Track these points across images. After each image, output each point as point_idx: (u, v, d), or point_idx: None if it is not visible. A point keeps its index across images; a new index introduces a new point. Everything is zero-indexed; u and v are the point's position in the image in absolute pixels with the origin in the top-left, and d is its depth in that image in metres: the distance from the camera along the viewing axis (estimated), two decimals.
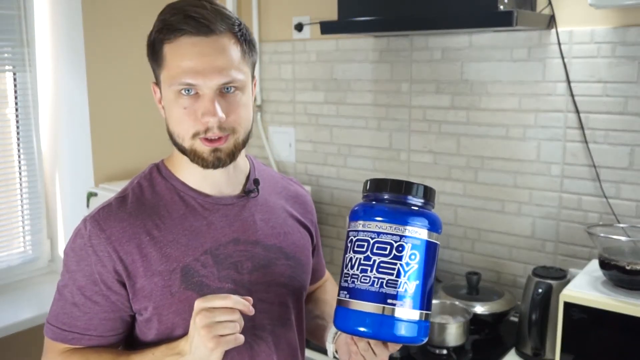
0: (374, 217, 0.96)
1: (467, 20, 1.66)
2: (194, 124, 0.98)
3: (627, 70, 1.65)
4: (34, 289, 2.29)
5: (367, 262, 0.94)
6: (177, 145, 1.03)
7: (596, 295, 1.44)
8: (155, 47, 1.00)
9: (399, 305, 0.93)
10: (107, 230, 1.02)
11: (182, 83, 0.97)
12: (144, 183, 1.08)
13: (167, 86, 0.99)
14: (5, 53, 2.22)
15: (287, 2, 2.33)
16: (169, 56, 0.98)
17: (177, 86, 0.97)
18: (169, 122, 1.03)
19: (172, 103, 0.99)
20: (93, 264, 1.02)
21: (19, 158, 2.31)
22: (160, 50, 0.99)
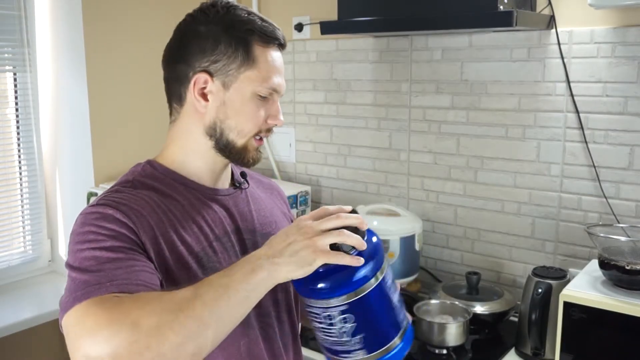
0: (306, 296, 0.95)
1: (467, 21, 1.67)
2: (262, 124, 1.06)
3: (627, 71, 1.65)
4: (34, 289, 2.29)
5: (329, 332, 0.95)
6: (225, 142, 1.05)
7: (596, 295, 1.44)
8: (243, 44, 1.02)
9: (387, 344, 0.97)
10: (122, 208, 0.97)
11: (271, 88, 1.04)
12: (142, 178, 1.07)
13: (252, 84, 1.03)
14: (5, 53, 2.22)
15: (287, 2, 2.33)
16: (262, 59, 1.03)
17: (267, 90, 1.04)
18: (231, 117, 1.04)
19: (245, 101, 1.04)
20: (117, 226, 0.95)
21: (19, 158, 2.32)
22: (250, 49, 1.02)
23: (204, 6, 1.06)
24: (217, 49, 1.02)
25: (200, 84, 1.03)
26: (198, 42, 1.03)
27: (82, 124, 2.24)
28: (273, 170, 2.44)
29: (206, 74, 1.03)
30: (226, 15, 1.03)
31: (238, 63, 1.02)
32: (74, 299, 0.86)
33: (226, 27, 1.02)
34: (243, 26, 1.03)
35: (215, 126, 1.05)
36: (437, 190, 2.05)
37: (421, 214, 2.07)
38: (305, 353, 1.60)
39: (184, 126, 1.08)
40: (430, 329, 1.65)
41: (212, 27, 1.03)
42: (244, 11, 1.05)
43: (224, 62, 1.02)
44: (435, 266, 2.09)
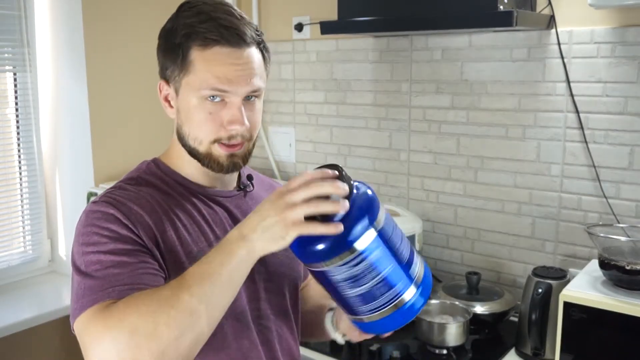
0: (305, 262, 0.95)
1: (467, 21, 1.67)
2: (217, 130, 1.00)
3: (627, 70, 1.65)
4: (34, 289, 2.29)
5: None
6: (189, 148, 1.04)
7: (596, 295, 1.44)
8: (181, 50, 0.99)
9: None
10: (123, 208, 0.97)
11: (214, 89, 0.98)
12: (146, 175, 1.07)
13: (192, 90, 0.99)
14: (5, 53, 2.22)
15: (287, 2, 2.33)
16: (198, 63, 0.98)
17: (207, 92, 0.98)
18: (184, 124, 1.03)
19: (195, 107, 1.00)
20: (119, 228, 0.95)
21: (19, 158, 2.32)
22: (186, 55, 0.98)
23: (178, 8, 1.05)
24: (164, 55, 1.02)
25: (163, 91, 1.05)
26: (159, 48, 1.04)
27: (82, 124, 2.24)
28: (273, 170, 2.44)
29: (163, 81, 1.04)
30: (173, 20, 1.02)
31: (179, 70, 1.00)
32: (80, 307, 0.89)
33: (167, 33, 1.01)
34: (180, 31, 0.99)
35: (179, 133, 1.05)
36: (437, 190, 2.05)
37: (421, 214, 2.07)
38: (304, 353, 1.60)
39: (174, 128, 1.09)
40: (430, 329, 1.65)
41: (163, 32, 1.03)
42: (192, 11, 1.00)
43: (172, 68, 1.01)
44: (435, 266, 2.09)
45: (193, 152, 1.04)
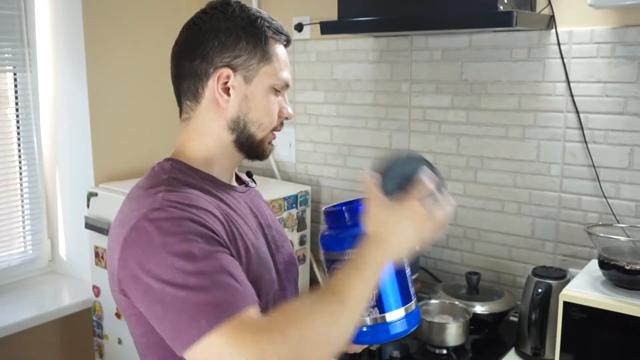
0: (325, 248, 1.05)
1: (467, 21, 1.67)
2: (278, 118, 1.10)
3: (627, 71, 1.65)
4: (34, 289, 2.29)
5: None
6: (246, 135, 1.07)
7: (596, 295, 1.44)
8: (262, 40, 1.06)
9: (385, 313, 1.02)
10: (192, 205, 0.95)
11: (284, 81, 1.09)
12: (176, 175, 1.03)
13: (269, 78, 1.07)
14: (5, 53, 2.22)
15: (287, 2, 2.33)
16: (276, 55, 1.08)
17: (280, 82, 1.08)
18: (251, 111, 1.07)
19: (266, 95, 1.07)
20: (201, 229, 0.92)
21: (20, 158, 2.32)
22: (267, 46, 1.07)
23: (216, 4, 1.07)
24: (239, 44, 1.04)
25: (222, 79, 1.05)
26: (218, 38, 1.04)
27: (82, 124, 2.24)
28: (273, 170, 2.44)
29: (228, 69, 1.04)
30: (243, 13, 1.07)
31: (258, 58, 1.05)
32: (208, 324, 0.83)
33: (246, 25, 1.05)
34: (261, 23, 1.07)
35: (238, 120, 1.06)
36: None
37: None
38: None
39: (203, 123, 1.07)
40: (430, 329, 1.65)
41: (231, 24, 1.05)
42: (255, 9, 1.09)
43: (245, 57, 1.05)
44: (435, 266, 2.09)
45: (249, 140, 1.07)
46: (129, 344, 2.21)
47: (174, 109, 1.13)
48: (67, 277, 2.40)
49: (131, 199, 1.00)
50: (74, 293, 2.27)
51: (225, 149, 1.08)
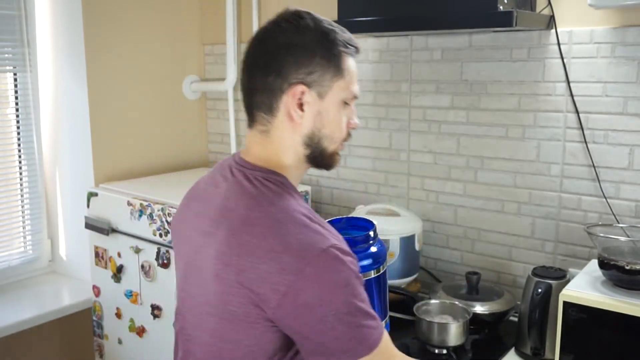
0: None
1: (467, 21, 1.66)
2: (345, 130, 1.13)
3: (627, 71, 1.65)
4: (34, 289, 2.29)
5: None
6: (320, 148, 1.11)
7: (596, 295, 1.44)
8: (337, 56, 1.07)
9: None
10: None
11: (354, 94, 1.11)
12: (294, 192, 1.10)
13: (341, 92, 1.09)
14: (5, 53, 2.22)
15: (287, 2, 2.32)
16: (347, 70, 1.09)
17: (351, 95, 1.11)
18: (325, 126, 1.09)
19: (338, 110, 1.10)
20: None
21: (20, 158, 2.32)
22: (340, 61, 1.08)
23: (289, 17, 1.10)
24: (313, 60, 1.06)
25: (297, 95, 1.06)
26: (292, 54, 1.06)
27: (82, 124, 2.24)
28: None
29: (303, 85, 1.06)
30: (316, 26, 1.08)
31: (331, 73, 1.07)
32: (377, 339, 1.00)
33: (319, 39, 1.07)
34: (334, 38, 1.08)
35: (312, 135, 1.09)
36: (437, 190, 2.05)
37: (421, 214, 2.07)
38: None
39: (281, 136, 1.09)
40: (430, 329, 1.65)
41: (304, 38, 1.06)
42: (326, 21, 1.10)
43: (319, 73, 1.06)
44: (435, 266, 2.09)
45: (321, 154, 1.11)
46: (129, 344, 2.22)
47: (173, 109, 1.13)
48: (67, 277, 2.40)
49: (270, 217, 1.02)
50: (74, 293, 2.27)
51: (299, 161, 1.12)
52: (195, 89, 2.54)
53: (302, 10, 1.10)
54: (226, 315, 1.03)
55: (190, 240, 1.13)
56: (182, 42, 2.47)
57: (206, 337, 1.08)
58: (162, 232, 1.91)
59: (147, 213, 1.94)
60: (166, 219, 1.89)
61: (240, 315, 1.01)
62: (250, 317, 1.01)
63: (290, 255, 0.96)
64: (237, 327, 1.03)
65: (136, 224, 1.98)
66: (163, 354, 1.97)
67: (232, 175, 1.11)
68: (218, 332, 1.06)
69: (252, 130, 1.12)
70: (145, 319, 2.01)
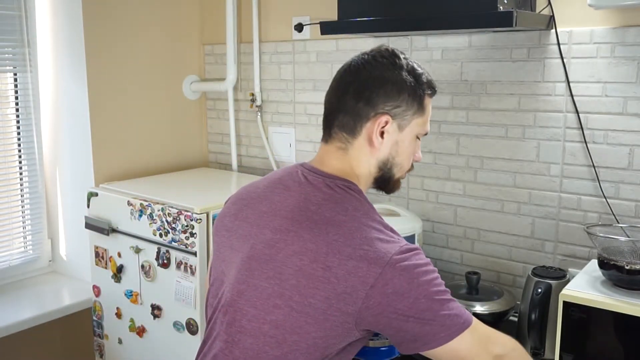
0: None
1: (467, 21, 1.67)
2: (411, 162, 1.27)
3: (627, 71, 1.65)
4: (35, 289, 2.29)
5: None
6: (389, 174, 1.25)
7: (595, 295, 1.44)
8: (420, 96, 1.22)
9: None
10: None
11: (426, 132, 1.26)
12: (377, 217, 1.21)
13: (417, 128, 1.23)
14: (6, 53, 2.23)
15: (287, 3, 2.34)
16: (427, 107, 1.24)
17: (424, 131, 1.25)
18: (399, 155, 1.23)
19: (411, 142, 1.24)
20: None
21: (20, 158, 2.32)
22: (422, 100, 1.22)
23: (385, 53, 1.22)
24: (401, 97, 1.19)
25: (381, 124, 1.19)
26: (385, 88, 1.18)
27: (82, 124, 2.24)
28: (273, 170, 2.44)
29: (388, 116, 1.19)
30: (408, 68, 1.21)
31: (414, 110, 1.21)
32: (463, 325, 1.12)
33: (411, 80, 1.20)
34: (422, 80, 1.22)
35: (387, 161, 1.23)
36: (437, 190, 2.05)
37: (421, 214, 2.07)
38: None
39: (358, 156, 1.22)
40: None
41: (398, 76, 1.19)
42: (417, 64, 1.24)
43: (404, 108, 1.20)
44: (435, 266, 2.08)
45: (390, 178, 1.25)
46: (129, 344, 2.22)
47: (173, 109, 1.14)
48: (67, 277, 2.40)
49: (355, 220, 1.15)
50: (74, 293, 2.27)
51: (368, 181, 1.25)
52: (195, 89, 2.55)
53: (397, 50, 1.23)
54: (302, 307, 1.09)
55: (255, 237, 1.19)
56: (182, 42, 2.48)
57: (266, 328, 1.12)
58: (162, 232, 1.91)
59: (147, 213, 1.94)
60: (166, 219, 1.89)
61: (319, 309, 1.08)
62: (329, 311, 1.08)
63: (375, 253, 1.08)
64: (312, 320, 1.09)
65: (136, 223, 1.98)
66: (163, 354, 1.97)
67: (306, 181, 1.21)
68: (287, 323, 1.10)
69: (328, 146, 1.26)
70: (146, 319, 2.01)
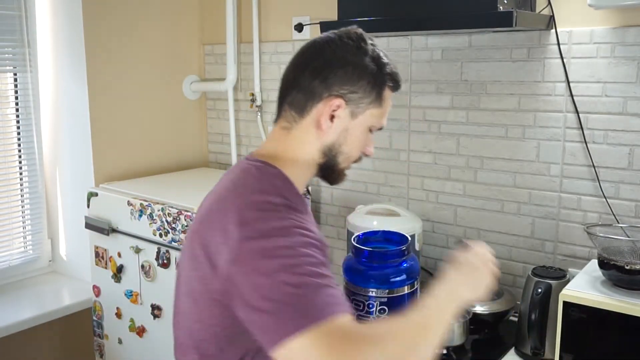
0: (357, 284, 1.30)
1: (467, 21, 1.67)
2: (361, 153, 1.19)
3: (626, 71, 1.65)
4: (35, 289, 2.29)
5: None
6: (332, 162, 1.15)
7: (595, 295, 1.44)
8: (380, 85, 1.14)
9: None
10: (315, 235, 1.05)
11: (382, 125, 1.18)
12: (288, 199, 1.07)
13: (372, 119, 1.15)
14: (6, 53, 2.23)
15: (287, 2, 2.33)
16: (385, 101, 1.16)
17: (379, 125, 1.17)
18: (346, 143, 1.14)
19: (363, 133, 1.16)
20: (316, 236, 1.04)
21: (20, 158, 2.32)
22: (382, 90, 1.15)
23: (354, 36, 1.14)
24: (359, 83, 1.12)
25: (333, 107, 1.11)
26: (344, 69, 1.11)
27: (82, 124, 2.24)
28: None
29: (342, 100, 1.11)
30: (373, 55, 1.14)
31: (370, 99, 1.13)
32: (312, 320, 0.88)
33: (373, 67, 1.13)
34: (385, 70, 1.15)
35: (332, 147, 1.14)
36: (437, 190, 2.05)
37: (421, 214, 2.07)
38: None
39: (302, 138, 1.13)
40: None
41: (360, 61, 1.12)
42: (383, 52, 1.17)
43: (360, 95, 1.12)
44: (435, 266, 2.09)
45: (332, 167, 1.16)
46: (129, 344, 2.22)
47: (173, 109, 1.14)
48: (67, 277, 2.40)
49: (245, 200, 1.02)
50: (74, 293, 2.27)
51: (310, 167, 1.15)
52: (195, 89, 2.54)
53: (366, 35, 1.17)
54: (193, 294, 1.05)
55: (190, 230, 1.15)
56: (182, 42, 2.47)
57: (183, 320, 1.11)
58: (162, 232, 1.91)
59: (147, 213, 1.94)
60: (166, 219, 1.89)
61: (198, 291, 1.03)
62: (207, 294, 1.01)
63: (239, 229, 0.97)
64: (201, 306, 1.04)
65: (136, 223, 1.98)
66: (163, 354, 1.97)
67: (234, 169, 1.16)
68: (192, 313, 1.07)
69: (275, 126, 1.18)
70: (146, 318, 2.01)
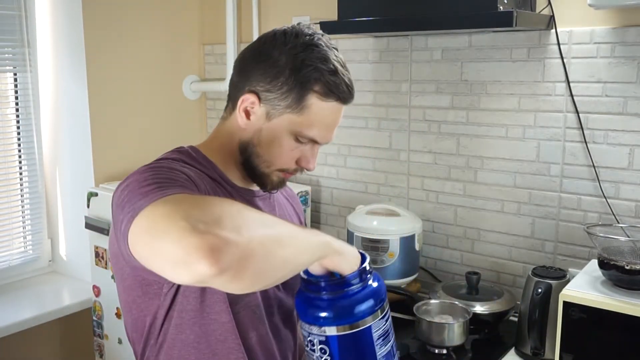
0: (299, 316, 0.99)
1: (467, 21, 1.67)
2: (289, 163, 1.08)
3: (627, 71, 1.65)
4: (35, 289, 2.29)
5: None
6: (250, 163, 1.07)
7: (595, 295, 1.44)
8: (299, 89, 1.02)
9: None
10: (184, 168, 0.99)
11: (312, 139, 1.06)
12: (187, 158, 1.05)
13: (292, 127, 1.04)
14: (6, 53, 2.22)
15: (287, 2, 2.33)
16: (313, 110, 1.03)
17: (305, 138, 1.05)
18: (261, 145, 1.06)
19: (282, 140, 1.05)
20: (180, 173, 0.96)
21: (20, 158, 2.32)
22: (304, 97, 1.02)
23: (289, 31, 1.05)
24: (276, 81, 1.03)
25: (247, 103, 1.05)
26: (265, 65, 1.03)
27: (82, 124, 2.24)
28: None
29: (255, 97, 1.04)
30: (301, 53, 1.02)
31: (287, 104, 1.03)
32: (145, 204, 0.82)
33: (293, 66, 1.02)
34: (309, 73, 1.02)
35: (247, 146, 1.07)
36: (437, 190, 2.05)
37: (421, 214, 2.07)
38: None
39: (230, 128, 1.10)
40: (430, 329, 1.65)
41: (283, 58, 1.02)
42: (322, 53, 1.04)
43: (276, 95, 1.03)
44: (435, 266, 2.09)
45: (251, 167, 1.08)
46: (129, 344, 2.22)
47: (173, 109, 1.14)
48: (67, 277, 2.40)
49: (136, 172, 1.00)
50: (74, 293, 2.27)
51: (232, 159, 1.10)
52: (195, 89, 2.54)
53: (325, 37, 1.07)
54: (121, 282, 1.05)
55: None
56: (182, 42, 2.47)
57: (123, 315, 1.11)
58: None
59: None
60: None
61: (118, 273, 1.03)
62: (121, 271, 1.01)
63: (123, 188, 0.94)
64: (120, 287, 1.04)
65: None
66: None
67: None
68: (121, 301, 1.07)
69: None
70: None
